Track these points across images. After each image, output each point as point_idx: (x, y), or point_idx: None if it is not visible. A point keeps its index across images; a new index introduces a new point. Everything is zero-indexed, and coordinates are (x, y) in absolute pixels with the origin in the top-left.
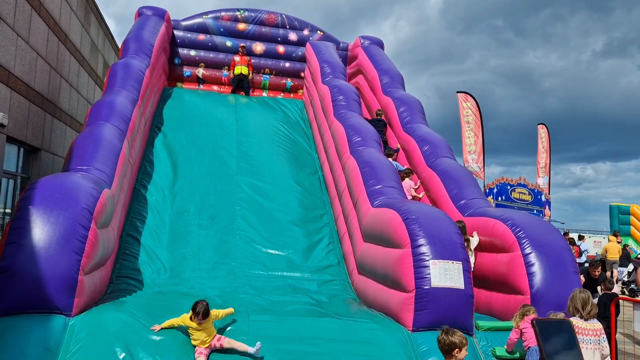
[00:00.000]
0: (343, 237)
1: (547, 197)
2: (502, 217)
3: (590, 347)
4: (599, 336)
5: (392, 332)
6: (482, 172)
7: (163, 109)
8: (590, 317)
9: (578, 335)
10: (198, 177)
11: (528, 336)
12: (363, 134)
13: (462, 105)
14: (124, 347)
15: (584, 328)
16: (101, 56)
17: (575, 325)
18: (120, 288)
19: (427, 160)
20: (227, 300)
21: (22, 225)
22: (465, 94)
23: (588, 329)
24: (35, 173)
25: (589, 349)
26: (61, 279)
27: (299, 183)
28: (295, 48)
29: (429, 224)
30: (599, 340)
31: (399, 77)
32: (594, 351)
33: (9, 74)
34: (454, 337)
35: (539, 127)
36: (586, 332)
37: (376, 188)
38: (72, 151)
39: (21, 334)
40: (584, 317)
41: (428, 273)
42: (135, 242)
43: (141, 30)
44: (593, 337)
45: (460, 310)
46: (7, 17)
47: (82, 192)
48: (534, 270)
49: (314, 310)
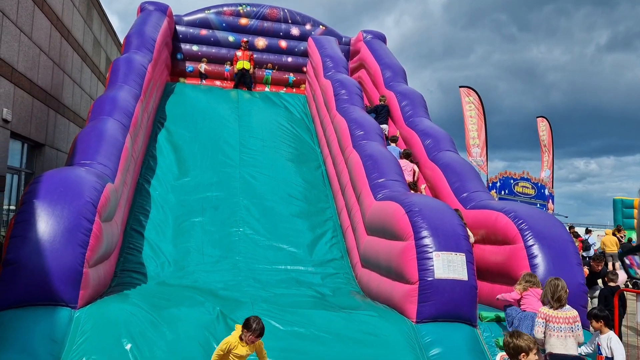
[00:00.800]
0: (346, 230)
1: (550, 191)
2: (504, 210)
3: (561, 335)
4: (572, 324)
5: (396, 324)
6: (485, 166)
7: (166, 104)
8: (559, 304)
9: (549, 324)
10: (201, 172)
11: (527, 302)
12: (365, 128)
13: (465, 99)
14: (129, 339)
15: (554, 316)
16: (104, 52)
17: (545, 313)
18: (124, 281)
19: (429, 154)
20: (231, 293)
21: (27, 219)
22: (467, 88)
23: (559, 317)
24: (39, 168)
25: (560, 336)
26: (66, 272)
27: (302, 177)
28: (297, 43)
29: (432, 216)
30: (571, 328)
31: (401, 71)
32: (565, 338)
33: (12, 70)
34: (519, 341)
35: (539, 120)
36: (557, 319)
37: (379, 181)
38: (75, 146)
39: (28, 326)
40: (553, 306)
41: (431, 265)
42: (139, 236)
43: (143, 25)
44: (565, 325)
45: (464, 301)
46: (10, 12)
47: (85, 186)
48: (537, 262)
49: (317, 302)
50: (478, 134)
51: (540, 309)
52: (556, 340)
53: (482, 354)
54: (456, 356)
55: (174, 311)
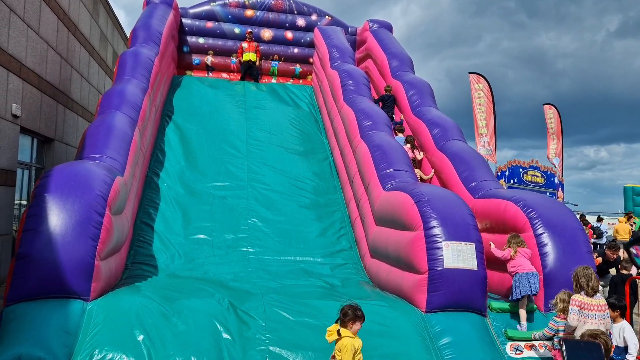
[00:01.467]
0: (355, 221)
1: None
2: (513, 198)
3: (595, 322)
4: (604, 311)
5: (405, 314)
6: (494, 155)
7: (173, 97)
8: (594, 292)
9: (583, 311)
10: (209, 164)
11: (518, 263)
12: (373, 118)
13: (474, 86)
14: (141, 330)
15: (588, 303)
16: (110, 46)
17: (580, 300)
18: (135, 274)
19: (437, 143)
20: (241, 285)
21: (38, 213)
22: (477, 75)
23: (593, 304)
24: (49, 163)
25: (594, 323)
26: (78, 265)
27: (310, 168)
28: (303, 34)
29: (441, 205)
30: (603, 316)
31: (408, 60)
32: (598, 325)
33: (20, 65)
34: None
35: (546, 107)
36: (591, 307)
37: (387, 172)
38: (84, 140)
39: (42, 318)
40: (589, 293)
41: (441, 255)
42: (149, 229)
43: (149, 18)
44: (598, 312)
45: (474, 291)
46: (17, 8)
47: (95, 180)
48: (547, 250)
49: (327, 293)
50: (487, 123)
51: (574, 297)
52: (590, 327)
53: (492, 344)
54: (466, 345)
55: (184, 303)
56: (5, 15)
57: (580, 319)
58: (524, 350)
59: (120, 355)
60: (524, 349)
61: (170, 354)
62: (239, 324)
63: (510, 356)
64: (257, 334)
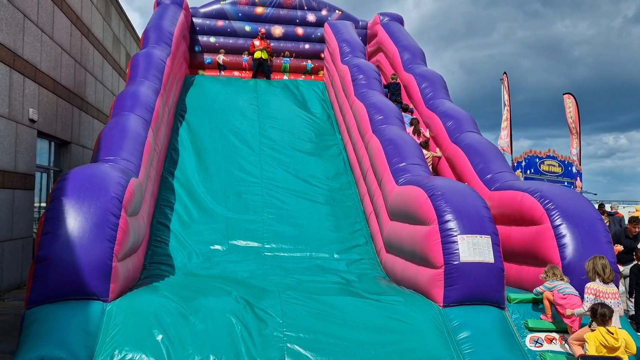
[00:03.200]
0: (369, 216)
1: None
2: (530, 190)
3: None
4: (617, 299)
5: (423, 309)
6: (509, 147)
7: (185, 97)
8: (610, 280)
9: (599, 298)
10: (223, 162)
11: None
12: (385, 112)
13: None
14: (160, 329)
15: (604, 291)
16: (123, 48)
17: (596, 289)
18: (153, 274)
19: (451, 135)
20: (258, 282)
21: (56, 216)
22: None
23: (608, 292)
24: (66, 166)
25: None
26: (96, 266)
27: (323, 164)
28: (314, 29)
29: (455, 199)
30: (618, 303)
31: (420, 52)
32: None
33: (36, 70)
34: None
35: (565, 96)
36: (606, 295)
37: (400, 166)
38: (99, 142)
39: (62, 319)
40: (605, 281)
41: (456, 248)
42: (165, 229)
43: (160, 19)
44: (613, 300)
45: (491, 284)
46: (31, 13)
47: (111, 182)
48: (565, 241)
49: (343, 289)
50: (506, 117)
51: (589, 285)
52: None
53: (511, 336)
54: (485, 339)
55: (202, 301)
56: (19, 22)
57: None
58: (543, 343)
59: (140, 355)
60: (544, 341)
61: (189, 352)
62: (257, 322)
63: (530, 349)
64: (275, 331)
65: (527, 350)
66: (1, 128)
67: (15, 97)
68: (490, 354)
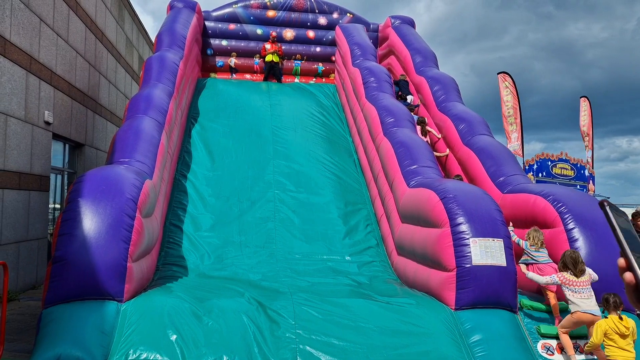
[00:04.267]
0: (381, 219)
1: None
2: (542, 193)
3: (585, 295)
4: (588, 285)
5: (435, 311)
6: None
7: (198, 99)
8: (581, 273)
9: (571, 287)
10: (236, 164)
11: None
12: (396, 115)
13: (502, 85)
14: (174, 330)
15: (575, 281)
16: (136, 51)
17: (567, 278)
18: (166, 275)
19: (463, 138)
20: (270, 284)
21: (72, 217)
22: (504, 74)
23: (579, 282)
24: (80, 168)
25: (584, 296)
26: (112, 267)
27: (335, 167)
28: (325, 32)
29: (468, 202)
30: (589, 289)
31: (431, 55)
32: (589, 297)
33: (51, 74)
34: None
35: (582, 100)
36: (577, 284)
37: (412, 168)
38: (114, 144)
39: (79, 319)
40: (576, 275)
41: (468, 252)
42: (178, 231)
43: (173, 23)
44: (585, 287)
45: (503, 287)
46: (47, 17)
47: (126, 183)
48: (578, 245)
49: (355, 291)
50: (514, 119)
51: (562, 273)
52: (580, 301)
53: (523, 340)
54: (497, 342)
55: (215, 302)
56: (36, 26)
57: (569, 294)
58: (554, 353)
59: (154, 354)
60: (555, 350)
61: (202, 353)
62: (269, 323)
63: (541, 354)
64: (287, 332)
65: (538, 356)
66: (17, 130)
67: (32, 100)
68: (503, 357)
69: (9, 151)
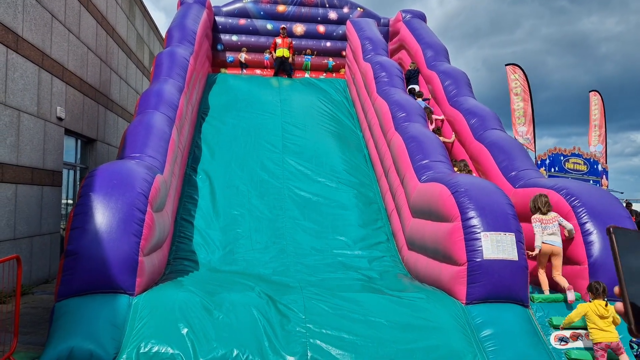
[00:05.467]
0: (391, 214)
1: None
2: (555, 187)
3: (550, 231)
4: (556, 221)
5: (445, 306)
6: (532, 144)
7: (208, 95)
8: (547, 211)
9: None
10: (246, 160)
11: None
12: (407, 110)
13: (511, 77)
14: (185, 323)
15: (543, 218)
16: (147, 47)
17: (537, 217)
18: (177, 269)
19: (474, 133)
20: (280, 278)
21: (84, 211)
22: (513, 65)
23: (547, 219)
24: (92, 163)
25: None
26: (123, 261)
27: (345, 161)
28: (335, 27)
29: (479, 196)
30: (555, 225)
31: (443, 49)
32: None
33: (63, 69)
34: None
35: (591, 94)
36: (546, 221)
37: (423, 163)
38: (125, 140)
39: (91, 312)
40: (544, 212)
41: (480, 246)
42: (189, 225)
43: (184, 18)
44: (552, 224)
45: (515, 281)
46: (59, 13)
47: (137, 178)
48: (592, 239)
49: (365, 286)
50: (524, 112)
51: (533, 216)
52: (548, 236)
53: (535, 334)
54: (509, 337)
55: (226, 296)
56: (47, 22)
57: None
58: (569, 341)
59: (165, 347)
60: (570, 339)
61: (213, 346)
62: (280, 317)
63: (555, 347)
64: (298, 326)
65: (552, 349)
66: (30, 126)
67: (44, 96)
68: (514, 352)
69: (22, 146)
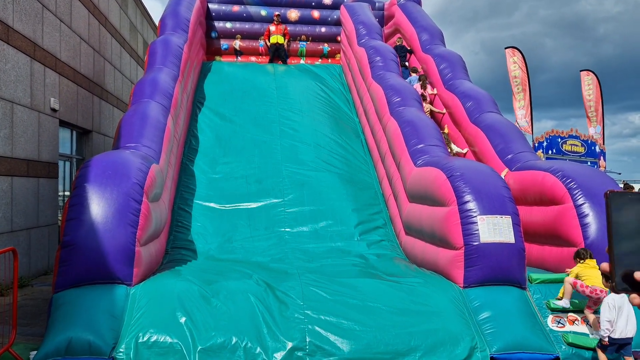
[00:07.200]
0: (388, 199)
1: (601, 148)
2: (551, 169)
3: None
4: None
5: (443, 290)
6: (529, 127)
7: (204, 83)
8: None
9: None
10: (242, 147)
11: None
12: (402, 94)
13: (510, 60)
14: (184, 312)
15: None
16: (140, 36)
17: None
18: (175, 258)
19: (470, 116)
20: (278, 265)
21: (80, 202)
22: (512, 48)
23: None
24: (88, 154)
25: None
26: (120, 251)
27: (342, 147)
28: (330, 12)
29: (475, 179)
30: None
31: (438, 33)
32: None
33: (56, 60)
34: None
35: (583, 73)
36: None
37: (418, 147)
38: (120, 130)
39: (89, 303)
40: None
41: (476, 229)
42: (186, 214)
43: (177, 6)
44: None
45: (512, 264)
46: (49, 3)
47: (132, 168)
48: (588, 221)
49: (363, 271)
50: (523, 95)
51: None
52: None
53: (532, 316)
54: (506, 319)
55: (223, 284)
56: (38, 12)
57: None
58: (565, 324)
59: (164, 336)
60: (566, 322)
61: (211, 335)
62: (278, 304)
63: (552, 329)
64: (296, 313)
65: (549, 330)
66: (24, 118)
67: (37, 87)
68: (512, 334)
69: (16, 138)
